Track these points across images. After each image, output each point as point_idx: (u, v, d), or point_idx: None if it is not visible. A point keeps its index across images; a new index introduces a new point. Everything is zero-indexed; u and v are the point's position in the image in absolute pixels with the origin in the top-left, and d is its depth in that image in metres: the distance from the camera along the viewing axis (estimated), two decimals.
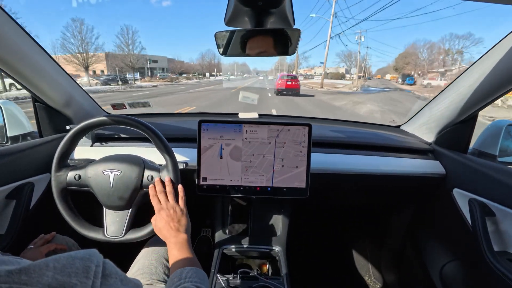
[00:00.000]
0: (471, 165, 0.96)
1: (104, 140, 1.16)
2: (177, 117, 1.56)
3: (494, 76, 0.85)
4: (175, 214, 0.75)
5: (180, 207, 0.77)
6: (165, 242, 0.89)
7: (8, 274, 0.26)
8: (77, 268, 0.30)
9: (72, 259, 0.31)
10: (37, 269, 0.28)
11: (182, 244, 0.70)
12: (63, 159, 0.83)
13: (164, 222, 0.74)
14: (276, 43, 0.74)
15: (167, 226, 0.73)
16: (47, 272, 0.28)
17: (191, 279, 0.58)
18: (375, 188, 1.20)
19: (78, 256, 0.31)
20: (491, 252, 0.80)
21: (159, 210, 0.76)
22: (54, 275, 0.28)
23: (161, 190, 0.79)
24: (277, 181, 0.95)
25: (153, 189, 0.79)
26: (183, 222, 0.75)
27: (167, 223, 0.73)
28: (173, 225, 0.73)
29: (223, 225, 1.18)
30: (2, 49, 0.78)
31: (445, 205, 1.07)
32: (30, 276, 0.27)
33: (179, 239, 0.71)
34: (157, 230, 0.76)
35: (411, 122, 1.35)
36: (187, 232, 0.75)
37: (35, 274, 0.27)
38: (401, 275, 1.41)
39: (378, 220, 1.61)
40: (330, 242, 1.76)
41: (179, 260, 0.67)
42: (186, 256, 0.68)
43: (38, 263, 0.28)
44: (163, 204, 0.77)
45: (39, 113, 1.08)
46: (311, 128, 0.93)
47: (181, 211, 0.77)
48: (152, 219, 0.78)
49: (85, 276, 0.30)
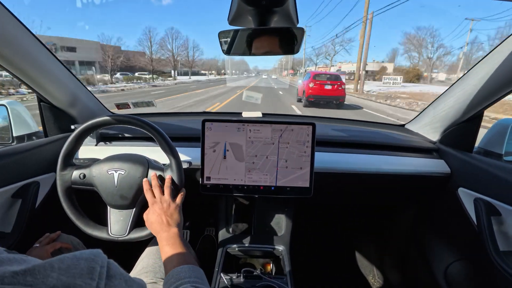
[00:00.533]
0: (477, 164, 0.95)
1: (109, 139, 1.17)
2: (181, 117, 1.57)
3: (500, 74, 0.84)
4: (168, 208, 0.73)
5: (175, 203, 0.76)
6: None
7: (13, 275, 0.26)
8: (81, 269, 0.30)
9: (77, 259, 0.31)
10: (42, 270, 0.28)
11: (174, 239, 0.68)
12: (68, 159, 0.83)
13: (156, 216, 0.72)
14: (282, 42, 0.74)
15: (159, 219, 0.71)
16: (51, 273, 0.28)
17: (189, 279, 0.56)
18: (379, 187, 1.19)
19: (83, 257, 0.32)
20: (497, 252, 0.80)
21: (152, 203, 0.75)
22: (59, 276, 0.28)
23: (156, 184, 0.78)
24: (280, 180, 0.95)
25: (147, 184, 0.78)
26: (175, 217, 0.73)
27: (159, 216, 0.72)
28: (164, 219, 0.71)
29: (227, 224, 1.18)
30: (7, 49, 0.78)
31: (450, 204, 1.06)
32: (35, 277, 0.27)
33: (170, 234, 0.69)
34: (148, 224, 0.74)
35: (416, 121, 1.34)
36: (179, 227, 0.73)
37: (40, 275, 0.27)
38: (405, 275, 1.41)
39: (382, 220, 1.60)
40: (334, 241, 1.75)
41: (173, 256, 0.64)
42: (179, 252, 0.65)
43: (43, 263, 0.29)
44: (157, 197, 0.76)
45: (44, 113, 1.08)
46: (315, 127, 0.93)
47: (176, 206, 0.75)
48: (144, 213, 0.76)
49: (90, 277, 0.30)
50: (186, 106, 10.72)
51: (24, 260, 0.29)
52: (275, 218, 1.19)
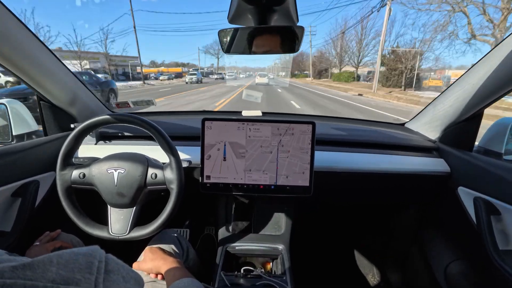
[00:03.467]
0: (476, 163, 0.95)
1: (108, 138, 1.17)
2: (180, 115, 1.56)
3: (500, 73, 0.84)
4: (156, 266, 0.80)
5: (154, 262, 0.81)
6: (169, 240, 0.90)
7: (12, 269, 0.26)
8: (80, 264, 0.30)
9: (75, 255, 0.31)
10: (41, 265, 0.28)
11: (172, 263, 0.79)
12: (67, 158, 0.83)
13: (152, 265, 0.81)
14: (283, 41, 0.74)
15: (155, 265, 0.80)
16: (51, 268, 0.28)
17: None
18: (378, 186, 1.19)
19: (81, 252, 0.32)
20: (496, 251, 0.80)
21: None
22: (58, 271, 0.28)
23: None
24: (280, 179, 0.95)
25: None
26: (160, 262, 0.80)
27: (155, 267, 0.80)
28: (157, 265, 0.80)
29: (227, 223, 1.18)
30: (7, 48, 0.78)
31: (450, 203, 1.06)
32: (35, 271, 0.27)
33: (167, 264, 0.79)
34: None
35: (416, 120, 1.34)
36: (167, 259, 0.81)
37: (39, 269, 0.27)
38: (405, 274, 1.41)
39: (382, 219, 1.60)
40: (334, 240, 1.75)
41: (173, 271, 0.74)
42: (178, 266, 0.76)
43: (42, 258, 0.29)
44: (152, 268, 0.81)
45: (44, 111, 1.08)
46: (314, 126, 0.93)
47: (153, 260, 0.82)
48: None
49: (89, 271, 0.30)
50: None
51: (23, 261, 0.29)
52: (275, 217, 1.20)
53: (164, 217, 0.83)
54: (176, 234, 1.03)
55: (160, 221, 0.83)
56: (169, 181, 0.83)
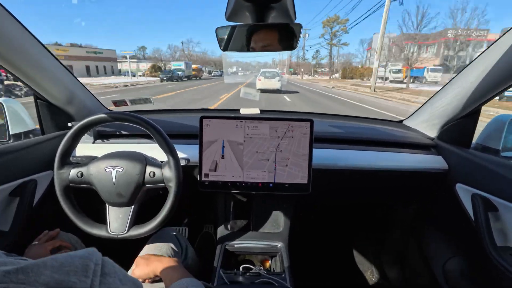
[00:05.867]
0: (474, 160, 0.96)
1: (106, 137, 1.16)
2: (178, 113, 1.56)
3: (497, 70, 0.84)
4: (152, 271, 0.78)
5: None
6: (168, 239, 0.90)
7: (5, 274, 0.26)
8: (76, 267, 0.30)
9: (71, 257, 0.31)
10: (35, 269, 0.28)
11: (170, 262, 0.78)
12: (65, 157, 0.83)
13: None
14: (281, 38, 0.73)
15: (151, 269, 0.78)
16: (44, 271, 0.28)
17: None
18: (377, 183, 1.19)
19: (77, 255, 0.31)
20: (494, 247, 0.80)
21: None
22: (52, 274, 0.28)
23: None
24: (279, 177, 0.95)
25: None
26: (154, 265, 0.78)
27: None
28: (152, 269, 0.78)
29: (225, 221, 1.18)
30: (3, 46, 0.77)
31: (448, 200, 1.06)
32: (27, 275, 0.27)
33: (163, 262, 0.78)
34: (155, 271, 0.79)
35: (414, 117, 1.35)
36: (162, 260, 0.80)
37: (33, 273, 0.27)
38: (404, 271, 1.42)
39: (380, 216, 1.61)
40: (332, 238, 1.76)
41: (171, 273, 0.73)
42: (176, 266, 0.75)
43: (36, 262, 0.29)
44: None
45: (41, 110, 1.08)
46: (312, 124, 0.92)
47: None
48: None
49: (84, 274, 0.30)
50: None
51: (20, 263, 0.29)
52: (273, 215, 1.20)
53: (162, 215, 0.83)
54: (175, 232, 1.03)
55: (159, 220, 0.83)
56: (167, 179, 0.83)
